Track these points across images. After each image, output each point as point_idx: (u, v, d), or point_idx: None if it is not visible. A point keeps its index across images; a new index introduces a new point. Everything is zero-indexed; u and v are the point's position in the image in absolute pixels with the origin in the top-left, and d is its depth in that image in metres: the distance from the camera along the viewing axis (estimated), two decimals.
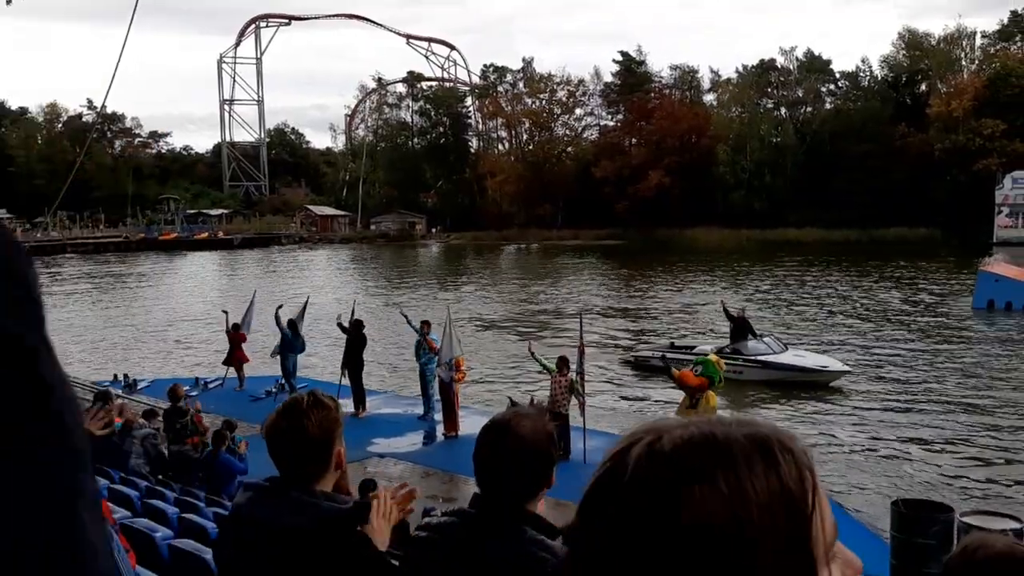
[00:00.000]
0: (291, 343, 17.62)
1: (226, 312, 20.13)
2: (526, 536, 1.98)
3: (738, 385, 18.39)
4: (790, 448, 0.66)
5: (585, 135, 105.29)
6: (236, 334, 19.25)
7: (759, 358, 19.78)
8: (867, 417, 17.10)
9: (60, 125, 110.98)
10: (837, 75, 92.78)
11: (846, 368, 19.87)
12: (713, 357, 13.46)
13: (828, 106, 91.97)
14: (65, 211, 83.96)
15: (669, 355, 20.62)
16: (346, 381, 16.70)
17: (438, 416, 15.81)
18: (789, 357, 19.99)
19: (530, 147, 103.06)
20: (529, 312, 35.09)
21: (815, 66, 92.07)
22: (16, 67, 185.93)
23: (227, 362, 19.20)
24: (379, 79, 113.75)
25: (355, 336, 16.78)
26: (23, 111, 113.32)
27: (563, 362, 14.07)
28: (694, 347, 21.37)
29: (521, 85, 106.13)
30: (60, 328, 32.77)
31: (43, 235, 73.26)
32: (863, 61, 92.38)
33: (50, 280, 52.53)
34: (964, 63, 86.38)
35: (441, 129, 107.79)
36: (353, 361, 16.55)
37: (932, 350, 24.30)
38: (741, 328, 20.92)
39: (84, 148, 54.43)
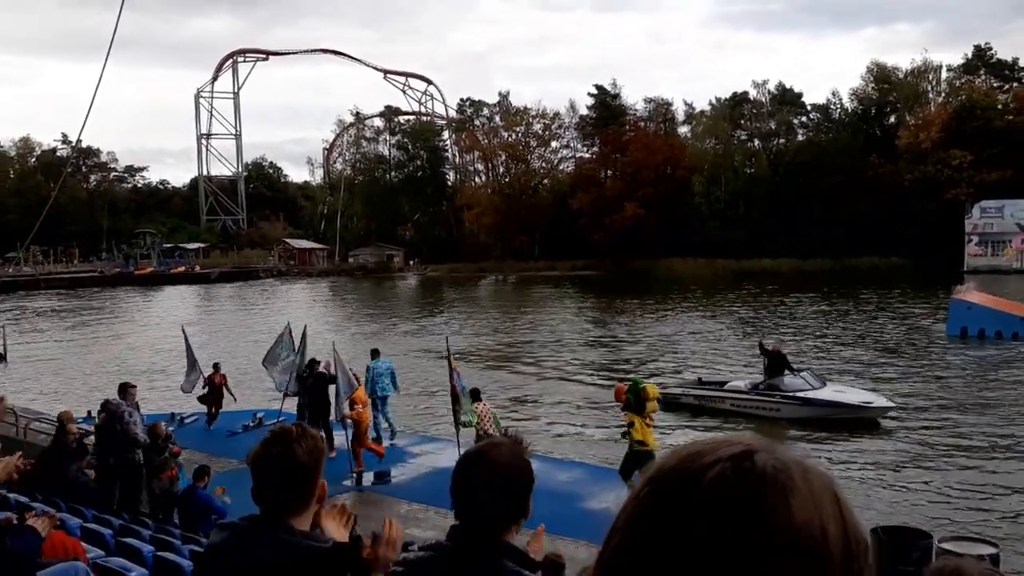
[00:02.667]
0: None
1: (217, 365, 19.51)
2: (505, 568, 1.98)
3: (774, 423, 18.16)
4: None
5: (561, 167, 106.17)
6: (216, 374, 18.95)
7: (798, 394, 18.87)
8: (839, 443, 17.18)
9: (34, 159, 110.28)
10: (808, 107, 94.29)
11: (891, 404, 18.87)
12: (647, 385, 13.05)
13: (800, 138, 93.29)
14: (39, 246, 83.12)
15: (699, 392, 20.71)
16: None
17: (416, 448, 15.72)
18: (829, 393, 19.03)
19: (507, 179, 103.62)
20: (505, 344, 35.07)
21: (787, 99, 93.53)
22: None
23: (206, 400, 18.82)
24: (357, 113, 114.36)
25: (317, 380, 15.95)
26: None
27: (476, 393, 14.52)
28: (725, 382, 21.01)
29: (498, 119, 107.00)
30: (34, 363, 32.36)
31: (15, 270, 72.42)
32: (833, 94, 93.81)
33: (24, 315, 51.88)
34: (931, 95, 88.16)
35: (418, 162, 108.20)
36: (319, 405, 15.59)
37: (908, 376, 24.51)
38: (777, 363, 19.85)
39: (59, 182, 53.98)
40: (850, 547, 0.65)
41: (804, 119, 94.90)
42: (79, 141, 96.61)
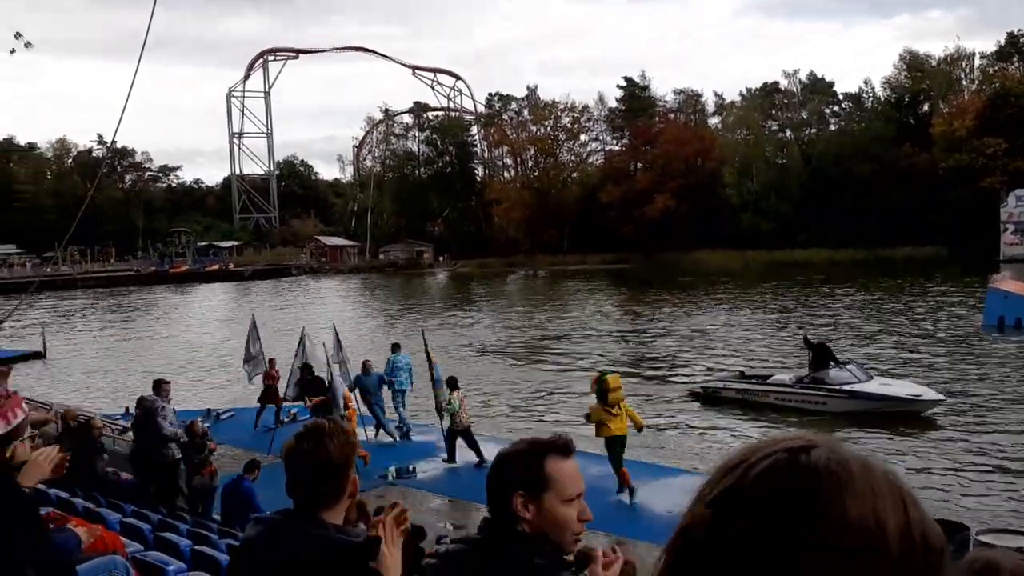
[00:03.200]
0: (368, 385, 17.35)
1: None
2: (534, 563, 2.01)
3: (820, 418, 17.82)
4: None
5: (590, 160, 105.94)
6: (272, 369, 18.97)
7: (844, 388, 18.42)
8: (874, 436, 16.98)
9: (70, 160, 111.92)
10: (840, 96, 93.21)
11: (940, 396, 18.30)
12: (610, 375, 13.40)
13: (832, 127, 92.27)
14: (76, 245, 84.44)
15: (742, 385, 20.27)
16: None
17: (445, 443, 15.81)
18: (876, 386, 18.57)
19: (535, 174, 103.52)
20: (535, 338, 35.06)
21: (818, 88, 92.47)
22: (26, 102, 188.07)
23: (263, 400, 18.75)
24: (386, 110, 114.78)
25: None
26: (32, 146, 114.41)
27: (453, 382, 15.01)
28: (768, 376, 20.60)
29: (526, 113, 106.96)
30: (73, 360, 32.95)
31: (54, 270, 73.65)
32: (866, 83, 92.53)
33: (62, 314, 52.77)
34: (964, 83, 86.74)
35: (447, 158, 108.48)
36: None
37: (944, 368, 24.17)
38: (822, 356, 19.41)
39: (95, 183, 54.84)
40: (912, 543, 0.64)
41: (836, 108, 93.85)
42: (114, 142, 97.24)
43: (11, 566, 2.50)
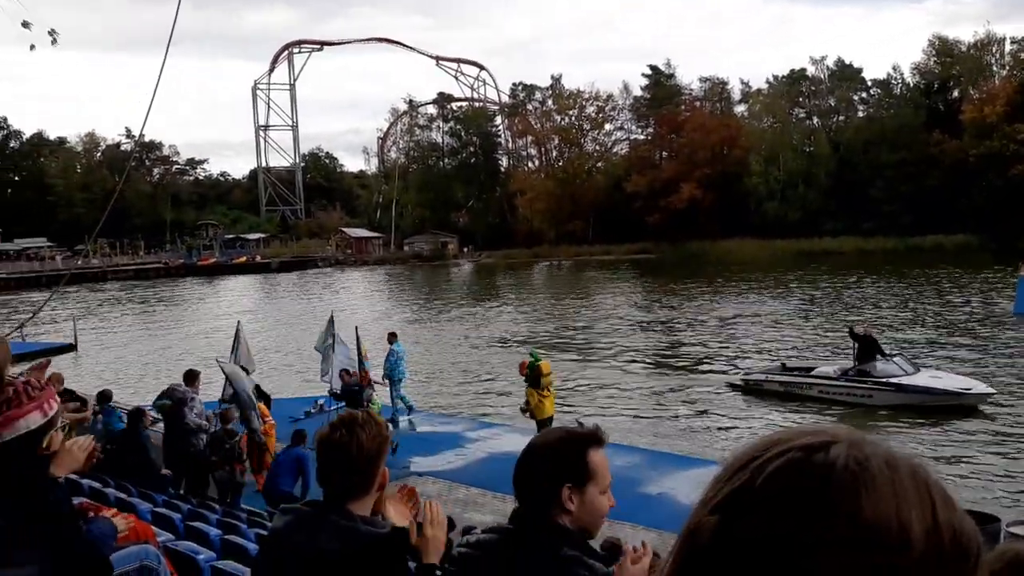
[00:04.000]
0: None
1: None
2: (564, 553, 2.01)
3: (865, 411, 17.57)
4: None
5: (615, 150, 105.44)
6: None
7: (891, 380, 18.06)
8: (906, 427, 16.82)
9: (99, 154, 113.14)
10: (869, 83, 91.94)
11: (990, 390, 17.94)
12: (541, 361, 14.75)
13: (860, 114, 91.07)
14: (105, 238, 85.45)
15: (785, 378, 19.89)
16: None
17: (473, 433, 15.88)
18: (925, 379, 18.21)
19: (560, 164, 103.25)
20: (560, 329, 35.04)
21: (846, 75, 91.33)
22: (54, 97, 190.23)
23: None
24: (410, 101, 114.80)
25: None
26: (62, 141, 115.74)
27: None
28: (811, 368, 20.28)
29: (550, 102, 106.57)
30: (104, 352, 33.40)
31: (84, 262, 74.58)
32: (894, 69, 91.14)
33: (93, 306, 53.46)
34: (995, 69, 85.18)
35: (471, 149, 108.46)
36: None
37: (976, 358, 23.83)
38: (868, 348, 19.01)
39: (123, 176, 55.43)
40: (940, 546, 0.62)
41: (864, 95, 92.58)
42: (142, 135, 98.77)
43: (39, 555, 2.55)
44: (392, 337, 18.48)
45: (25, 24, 9.61)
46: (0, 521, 2.51)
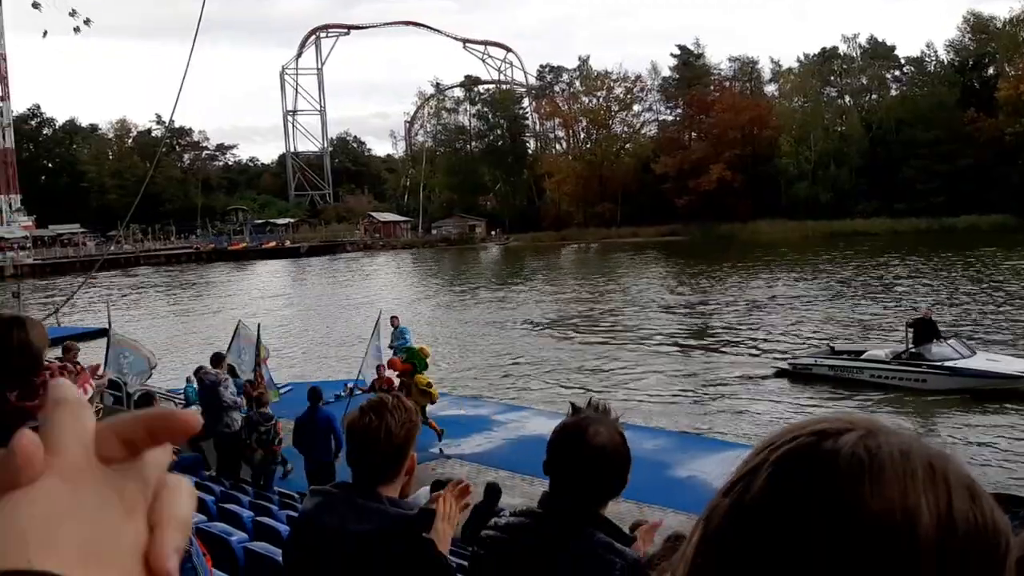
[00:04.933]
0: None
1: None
2: (595, 538, 2.01)
3: (919, 396, 17.15)
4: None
5: (644, 131, 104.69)
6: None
7: (946, 364, 17.45)
8: (960, 412, 16.55)
9: (130, 140, 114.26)
10: (902, 61, 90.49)
11: None
12: (419, 347, 15.11)
13: (893, 93, 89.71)
14: (137, 224, 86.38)
15: (835, 362, 19.32)
16: None
17: (501, 416, 15.90)
18: (981, 362, 17.56)
19: (588, 146, 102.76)
20: (588, 312, 34.97)
21: (879, 52, 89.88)
22: (86, 85, 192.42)
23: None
24: (437, 84, 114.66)
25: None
26: (94, 128, 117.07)
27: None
28: (862, 351, 19.65)
29: (578, 84, 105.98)
30: (140, 337, 33.78)
31: (116, 248, 75.53)
32: (928, 46, 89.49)
33: (126, 291, 54.16)
34: None
35: (499, 131, 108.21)
36: None
37: (1015, 341, 23.50)
38: (926, 330, 18.40)
39: (154, 162, 55.84)
40: (954, 535, 0.60)
41: (897, 73, 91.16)
42: (171, 121, 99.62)
43: None
44: (395, 320, 18.31)
45: (73, 12, 9.75)
46: None
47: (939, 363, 17.50)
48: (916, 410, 16.50)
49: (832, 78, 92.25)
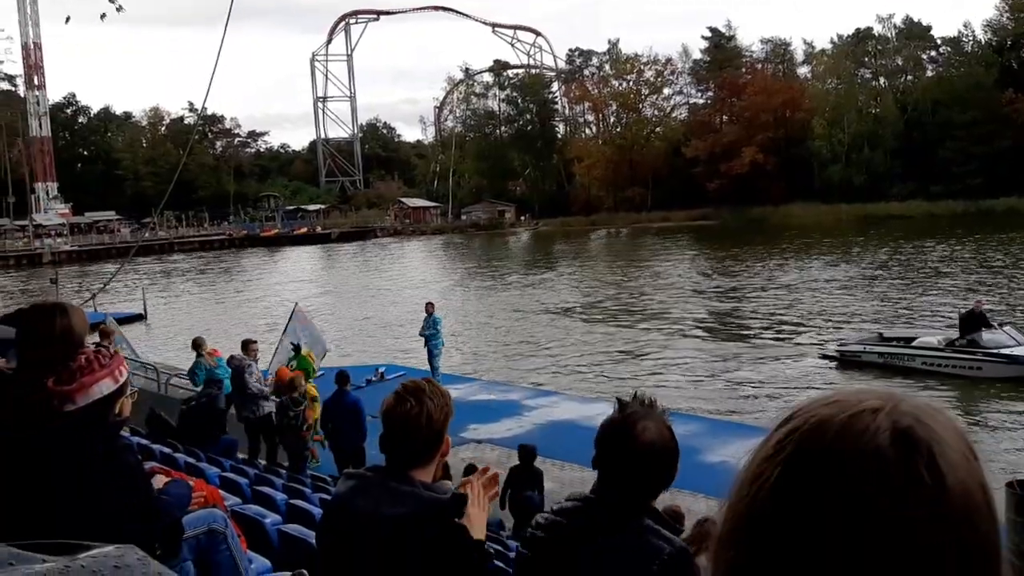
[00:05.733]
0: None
1: None
2: (644, 524, 2.04)
3: (974, 384, 16.75)
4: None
5: (674, 114, 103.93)
6: None
7: (1003, 352, 16.87)
8: (989, 399, 16.33)
9: (163, 128, 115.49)
10: (938, 41, 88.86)
11: None
12: (305, 351, 14.49)
13: (929, 74, 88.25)
14: (171, 211, 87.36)
15: (885, 349, 18.82)
16: None
17: (531, 401, 15.91)
18: None
19: (618, 129, 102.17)
20: (618, 297, 34.86)
21: (914, 33, 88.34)
22: (120, 73, 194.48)
23: None
24: (466, 69, 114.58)
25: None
26: (128, 116, 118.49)
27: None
28: (912, 337, 19.10)
29: (607, 67, 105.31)
30: (172, 320, 34.25)
31: (151, 234, 76.47)
32: (965, 26, 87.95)
33: (160, 277, 54.87)
34: None
35: (528, 116, 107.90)
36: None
37: None
38: (975, 322, 17.87)
39: (187, 150, 56.44)
40: (974, 512, 0.61)
41: (933, 54, 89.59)
42: (204, 109, 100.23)
43: (118, 520, 2.62)
44: (430, 307, 18.30)
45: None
46: (76, 484, 2.58)
47: (995, 350, 16.98)
48: (972, 398, 16.14)
49: (866, 59, 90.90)
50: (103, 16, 10.07)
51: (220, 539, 3.64)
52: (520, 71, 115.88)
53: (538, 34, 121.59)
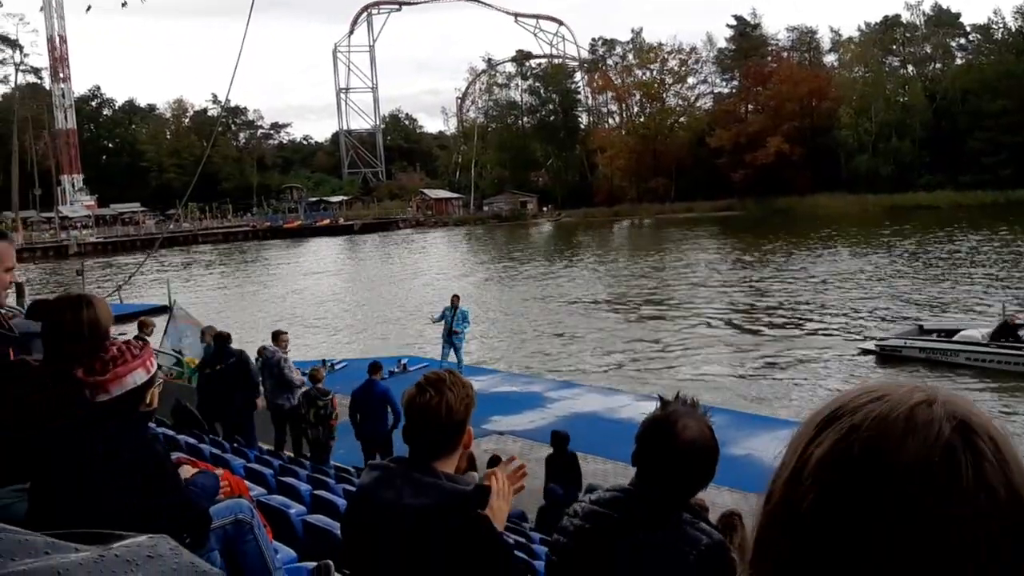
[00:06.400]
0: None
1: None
2: (682, 517, 2.08)
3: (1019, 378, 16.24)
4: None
5: (698, 104, 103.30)
6: None
7: None
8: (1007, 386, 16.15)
9: (187, 120, 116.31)
10: (967, 29, 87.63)
11: None
12: (188, 358, 14.55)
13: (959, 62, 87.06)
14: (195, 203, 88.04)
15: (926, 343, 18.20)
16: None
17: (554, 393, 15.89)
18: None
19: (641, 119, 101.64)
20: (642, 288, 34.74)
21: (943, 20, 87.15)
22: (144, 65, 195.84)
23: None
24: (488, 60, 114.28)
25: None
26: (152, 108, 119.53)
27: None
28: (955, 330, 18.44)
29: (631, 57, 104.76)
30: (197, 313, 34.50)
31: (175, 226, 77.12)
32: (995, 13, 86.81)
33: (185, 268, 55.35)
34: None
35: (550, 106, 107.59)
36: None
37: None
38: (1007, 332, 17.37)
39: (210, 141, 56.92)
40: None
41: (963, 41, 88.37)
42: (227, 101, 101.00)
43: (149, 512, 2.63)
44: (455, 299, 18.12)
45: None
46: (106, 474, 2.60)
47: None
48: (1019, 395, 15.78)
49: (894, 47, 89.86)
50: (124, 3, 10.14)
51: (247, 529, 3.66)
52: (543, 61, 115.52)
53: (561, 23, 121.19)
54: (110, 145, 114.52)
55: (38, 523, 2.16)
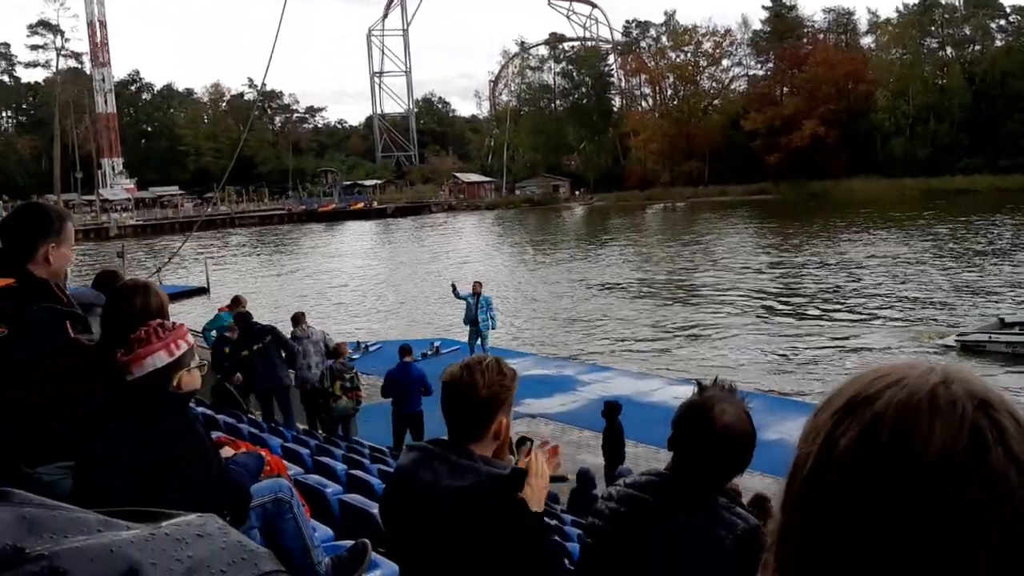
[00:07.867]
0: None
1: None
2: (718, 503, 2.11)
3: None
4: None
5: (733, 87, 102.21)
6: None
7: None
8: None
9: (224, 104, 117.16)
10: (1007, 10, 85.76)
11: None
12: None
13: (998, 44, 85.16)
14: (232, 186, 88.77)
15: (1013, 337, 17.30)
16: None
17: (586, 376, 15.93)
18: None
19: (675, 102, 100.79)
20: (676, 272, 34.56)
21: (983, 1, 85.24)
22: (181, 50, 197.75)
23: None
24: (521, 43, 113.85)
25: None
26: (190, 92, 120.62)
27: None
28: None
29: (665, 39, 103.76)
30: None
31: (213, 209, 77.80)
32: None
33: (222, 250, 55.96)
34: None
35: (583, 90, 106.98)
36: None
37: None
38: None
39: (247, 125, 57.31)
40: None
41: (1003, 23, 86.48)
42: (263, 85, 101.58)
43: (189, 489, 2.74)
44: (478, 286, 17.79)
45: None
46: (104, 475, 2.69)
47: None
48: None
49: (933, 28, 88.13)
50: None
51: (286, 508, 3.75)
52: (576, 44, 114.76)
53: (594, 6, 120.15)
54: (149, 129, 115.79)
55: (88, 502, 2.26)
